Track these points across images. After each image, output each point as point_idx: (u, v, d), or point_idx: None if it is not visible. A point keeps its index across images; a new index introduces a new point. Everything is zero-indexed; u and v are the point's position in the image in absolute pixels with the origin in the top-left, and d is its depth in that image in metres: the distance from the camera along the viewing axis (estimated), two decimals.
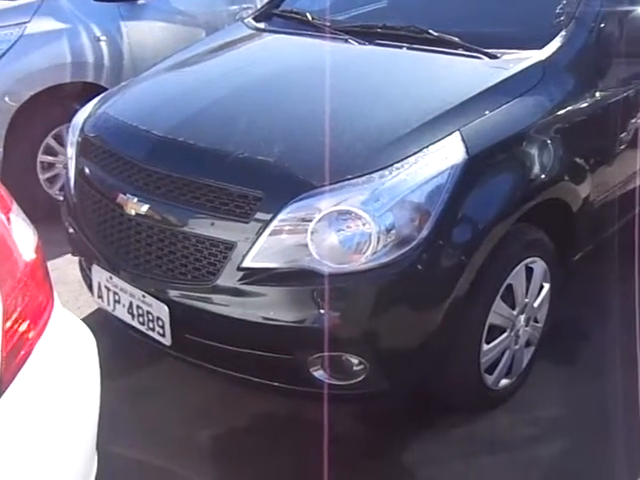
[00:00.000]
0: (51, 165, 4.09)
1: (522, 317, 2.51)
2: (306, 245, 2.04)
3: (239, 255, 2.10)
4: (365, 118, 2.28)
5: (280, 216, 2.06)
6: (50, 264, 3.65)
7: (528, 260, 2.45)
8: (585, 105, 2.58)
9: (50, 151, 4.05)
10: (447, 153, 2.14)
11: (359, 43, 2.83)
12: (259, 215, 2.09)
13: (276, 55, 2.91)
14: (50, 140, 4.03)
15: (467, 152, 2.15)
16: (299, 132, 2.26)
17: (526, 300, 2.50)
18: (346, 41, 2.86)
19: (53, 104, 3.94)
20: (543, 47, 2.53)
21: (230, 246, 2.12)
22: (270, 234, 2.07)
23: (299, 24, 3.13)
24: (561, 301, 2.84)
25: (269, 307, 2.10)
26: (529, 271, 2.49)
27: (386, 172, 2.06)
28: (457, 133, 2.18)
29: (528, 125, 2.34)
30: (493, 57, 2.55)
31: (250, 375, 2.25)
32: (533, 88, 2.41)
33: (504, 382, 2.57)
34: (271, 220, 2.06)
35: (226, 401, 2.60)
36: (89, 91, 3.79)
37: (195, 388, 2.64)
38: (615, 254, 3.26)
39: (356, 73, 2.60)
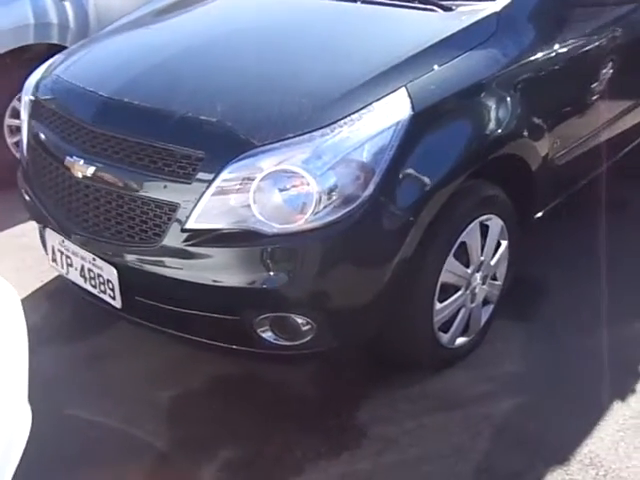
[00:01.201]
0: (19, 129, 4.03)
1: (478, 275, 2.50)
2: (249, 205, 2.02)
3: (183, 216, 2.08)
4: (311, 75, 2.24)
5: (222, 176, 2.03)
6: (19, 229, 3.66)
7: (483, 217, 2.43)
8: (544, 58, 2.53)
9: (17, 114, 3.99)
10: (392, 109, 2.10)
11: None
12: (201, 175, 2.06)
13: (228, 11, 2.86)
14: (16, 103, 3.98)
15: (413, 108, 2.11)
16: (244, 90, 2.22)
17: (482, 258, 2.48)
18: None
19: (18, 66, 3.87)
20: None
21: (174, 207, 2.10)
22: (213, 194, 2.04)
23: None
24: (523, 258, 2.84)
25: (214, 268, 2.08)
26: (485, 228, 2.46)
27: (328, 130, 2.03)
28: (403, 89, 2.14)
29: (479, 79, 2.30)
30: (448, 9, 2.51)
31: (199, 337, 2.24)
32: (486, 41, 2.37)
33: (461, 340, 2.56)
34: (213, 180, 2.04)
35: (185, 363, 2.60)
36: (55, 52, 3.72)
37: (154, 351, 2.65)
38: (582, 211, 3.26)
39: (306, 29, 2.55)
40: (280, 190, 2.01)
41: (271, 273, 2.04)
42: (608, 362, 2.58)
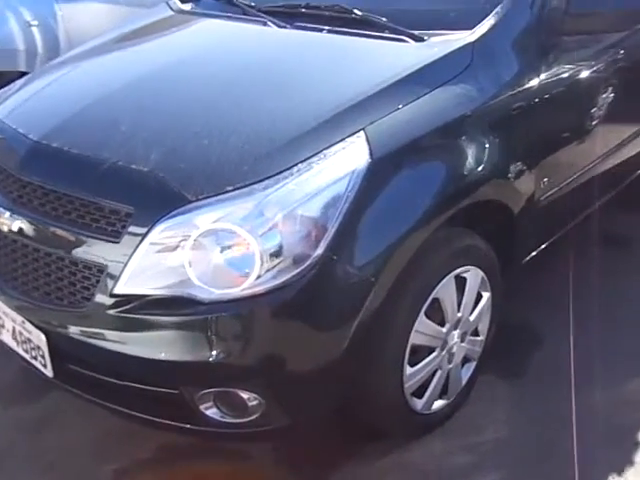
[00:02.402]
0: None
1: (455, 333, 2.24)
2: (184, 268, 1.77)
3: (112, 279, 1.84)
4: (259, 117, 1.99)
5: (152, 235, 1.79)
6: None
7: (459, 270, 2.17)
8: (527, 91, 2.27)
9: None
10: (347, 157, 1.85)
11: (278, 26, 2.53)
12: (131, 233, 1.82)
13: (183, 43, 2.61)
14: None
15: (371, 155, 1.86)
16: (182, 135, 1.98)
17: (459, 315, 2.22)
18: (265, 24, 2.56)
19: None
20: (474, 27, 2.22)
21: (102, 269, 1.85)
22: (143, 255, 1.80)
23: (223, 5, 2.83)
24: (510, 305, 2.58)
25: (147, 339, 1.84)
26: (462, 281, 2.21)
27: (272, 182, 1.78)
28: (361, 133, 1.89)
29: (450, 119, 2.05)
30: (419, 40, 2.25)
31: (138, 412, 1.99)
32: (459, 75, 2.11)
33: (439, 404, 2.30)
34: (143, 239, 1.79)
35: (131, 431, 2.35)
36: None
37: (98, 417, 2.39)
38: (579, 248, 2.99)
39: (260, 62, 2.30)
40: (217, 251, 1.77)
41: (211, 345, 1.79)
42: (603, 428, 2.30)
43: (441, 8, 2.39)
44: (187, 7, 2.95)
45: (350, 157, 1.85)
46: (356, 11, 2.40)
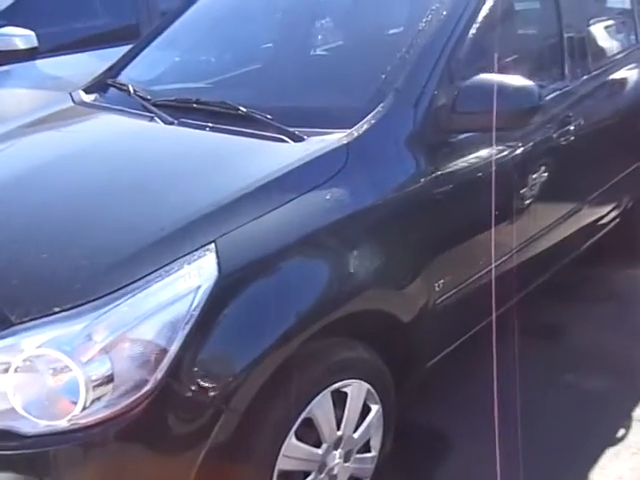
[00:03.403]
0: None
1: (337, 453, 2.07)
2: (6, 396, 1.61)
3: None
4: (110, 224, 1.86)
5: None
6: None
7: (337, 385, 2.01)
8: (410, 193, 2.15)
9: None
10: (192, 272, 1.71)
11: (165, 122, 2.42)
12: None
13: (65, 139, 2.52)
14: None
15: (220, 269, 1.72)
16: (28, 244, 1.84)
17: (339, 433, 2.05)
18: (151, 119, 2.46)
19: None
20: (353, 126, 2.13)
21: None
22: None
23: (120, 97, 2.75)
24: (419, 408, 2.41)
25: None
26: (343, 396, 2.05)
27: (103, 302, 1.64)
28: (211, 245, 1.75)
29: (316, 226, 1.92)
30: (299, 139, 2.15)
31: None
32: (331, 179, 2.00)
33: None
34: None
35: None
36: None
37: None
38: (500, 341, 2.83)
39: (135, 165, 2.18)
40: (43, 378, 1.60)
41: None
42: None
43: (327, 105, 2.30)
44: (87, 98, 2.87)
45: (196, 273, 1.71)
46: (242, 108, 2.31)
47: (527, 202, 2.63)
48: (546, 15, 2.92)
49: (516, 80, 2.23)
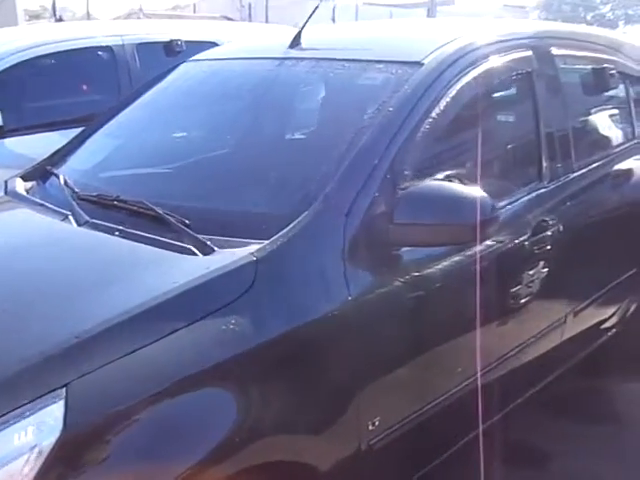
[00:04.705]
0: None
1: None
2: None
3: None
4: None
5: None
6: None
7: None
8: (330, 320, 1.81)
9: None
10: (32, 427, 1.40)
11: (78, 222, 2.16)
12: None
13: None
14: None
15: (67, 423, 1.41)
16: None
17: None
18: (65, 218, 2.20)
19: None
20: (270, 237, 1.83)
21: None
22: None
23: (50, 188, 2.52)
24: None
25: None
26: None
27: None
28: (62, 391, 1.44)
29: (207, 364, 1.60)
30: (209, 252, 1.85)
31: None
32: (230, 305, 1.68)
33: None
34: None
35: None
36: None
37: None
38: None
39: (7, 279, 1.89)
40: None
41: None
42: None
43: (248, 210, 2.02)
44: (20, 187, 2.64)
45: (37, 427, 1.39)
46: (158, 210, 2.03)
47: (494, 317, 2.30)
48: (521, 109, 2.64)
49: (466, 189, 1.93)
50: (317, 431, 1.78)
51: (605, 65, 2.91)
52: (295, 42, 2.58)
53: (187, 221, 1.99)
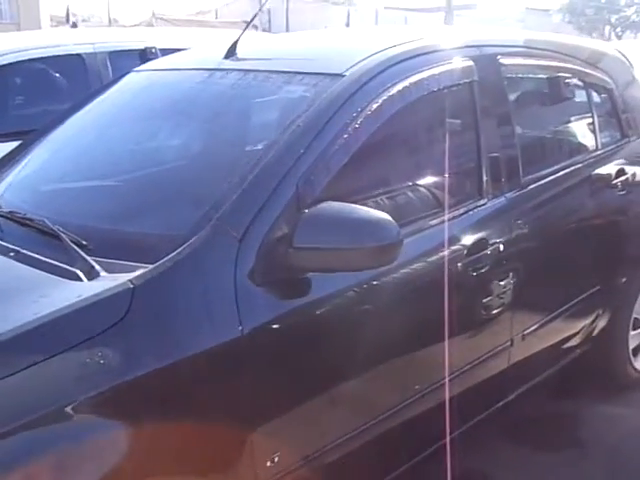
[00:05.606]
0: None
1: None
2: None
3: None
4: None
5: None
6: None
7: None
8: (215, 356, 1.70)
9: None
10: None
11: None
12: None
13: None
14: None
15: None
16: None
17: None
18: None
19: None
20: (156, 261, 1.72)
21: None
22: None
23: None
24: None
25: None
26: None
27: None
28: None
29: (63, 402, 1.49)
30: (94, 276, 1.75)
31: None
32: (97, 337, 1.57)
33: None
34: None
35: None
36: None
37: None
38: None
39: None
40: None
41: None
42: None
43: (141, 231, 1.92)
44: None
45: None
46: (57, 230, 1.93)
47: (416, 345, 2.18)
48: (458, 123, 2.49)
49: (369, 212, 1.81)
50: (201, 473, 1.66)
51: (560, 74, 2.76)
52: (230, 52, 2.48)
53: (84, 242, 1.89)
